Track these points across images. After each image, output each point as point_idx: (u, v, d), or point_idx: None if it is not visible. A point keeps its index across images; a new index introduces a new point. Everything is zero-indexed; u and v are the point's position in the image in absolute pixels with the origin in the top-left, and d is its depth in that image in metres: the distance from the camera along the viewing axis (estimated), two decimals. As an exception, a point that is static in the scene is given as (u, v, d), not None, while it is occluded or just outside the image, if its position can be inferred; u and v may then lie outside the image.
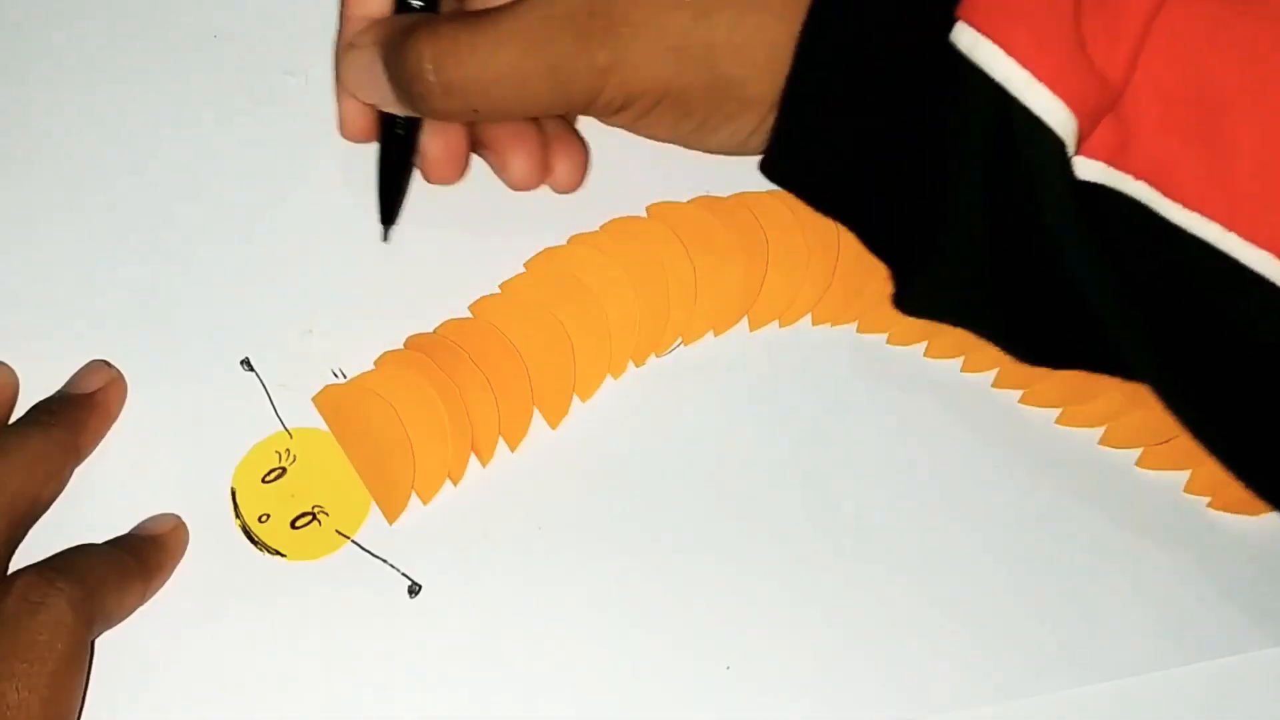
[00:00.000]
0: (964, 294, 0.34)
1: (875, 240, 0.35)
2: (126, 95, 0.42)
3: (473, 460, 0.37)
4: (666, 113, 0.34)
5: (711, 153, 0.36)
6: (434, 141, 0.38)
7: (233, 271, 0.39)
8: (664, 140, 0.36)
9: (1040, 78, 0.29)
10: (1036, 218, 0.31)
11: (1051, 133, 0.30)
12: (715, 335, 0.39)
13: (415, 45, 0.34)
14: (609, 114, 0.35)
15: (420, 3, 0.36)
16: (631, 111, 0.34)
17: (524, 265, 0.39)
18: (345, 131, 0.38)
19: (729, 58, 0.32)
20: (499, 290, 0.39)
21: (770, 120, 0.34)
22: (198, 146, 0.41)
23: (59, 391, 0.36)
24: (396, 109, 0.36)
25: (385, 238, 0.38)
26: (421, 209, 0.41)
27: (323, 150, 0.42)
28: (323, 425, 0.37)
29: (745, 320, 0.39)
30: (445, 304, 0.39)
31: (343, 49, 0.37)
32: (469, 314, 0.39)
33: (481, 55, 0.33)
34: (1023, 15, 0.30)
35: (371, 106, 0.37)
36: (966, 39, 0.30)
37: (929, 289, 0.34)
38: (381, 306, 0.39)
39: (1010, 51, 0.29)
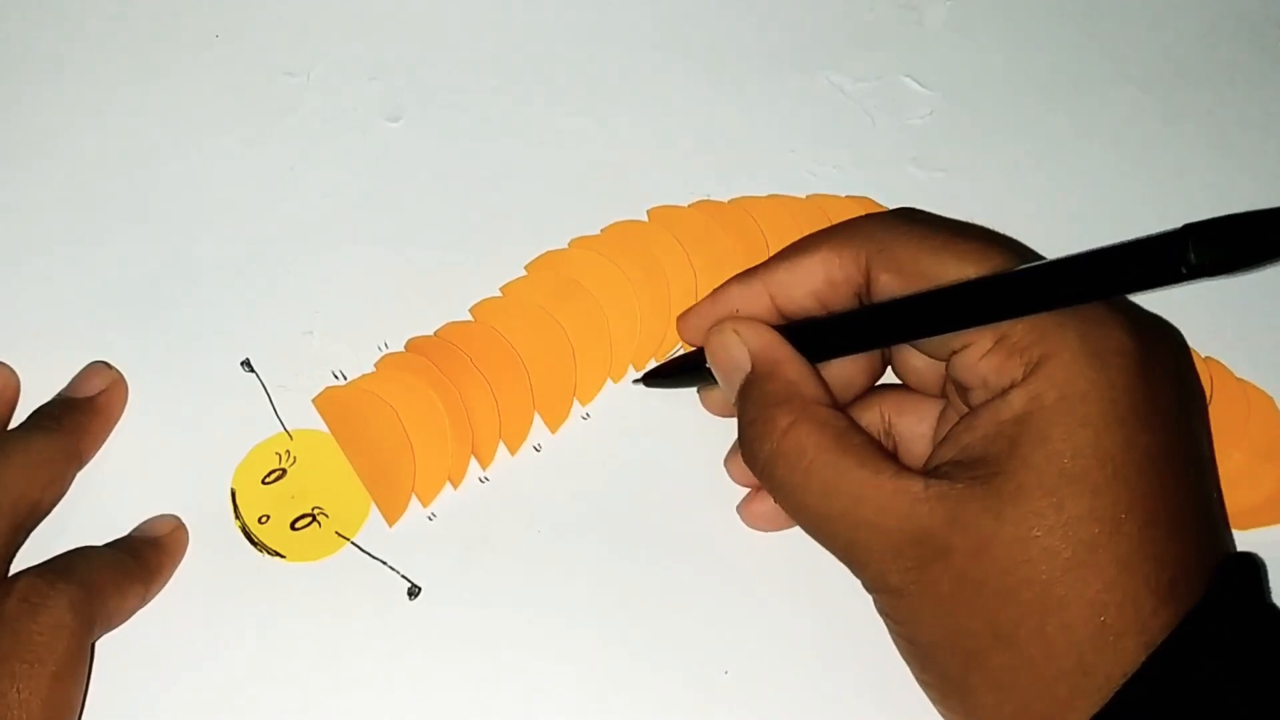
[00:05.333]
0: None
1: None
2: (128, 95, 0.42)
3: (473, 463, 0.37)
4: (911, 660, 0.31)
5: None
6: (715, 405, 0.37)
7: (233, 271, 0.39)
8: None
9: None
10: None
11: None
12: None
13: (778, 422, 0.31)
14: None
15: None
16: (885, 618, 0.31)
17: (525, 268, 0.39)
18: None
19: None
20: (500, 293, 0.39)
21: None
22: (198, 146, 0.41)
23: (60, 394, 0.36)
24: (726, 401, 0.34)
25: (635, 380, 0.38)
26: (423, 211, 0.41)
27: (323, 150, 0.42)
28: (323, 426, 0.37)
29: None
30: (446, 306, 0.39)
31: (719, 326, 0.33)
32: (469, 316, 0.39)
33: (815, 490, 0.30)
34: None
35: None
36: None
37: None
38: (382, 308, 0.39)
39: None
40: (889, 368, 0.36)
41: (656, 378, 0.38)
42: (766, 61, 0.45)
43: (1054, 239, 0.41)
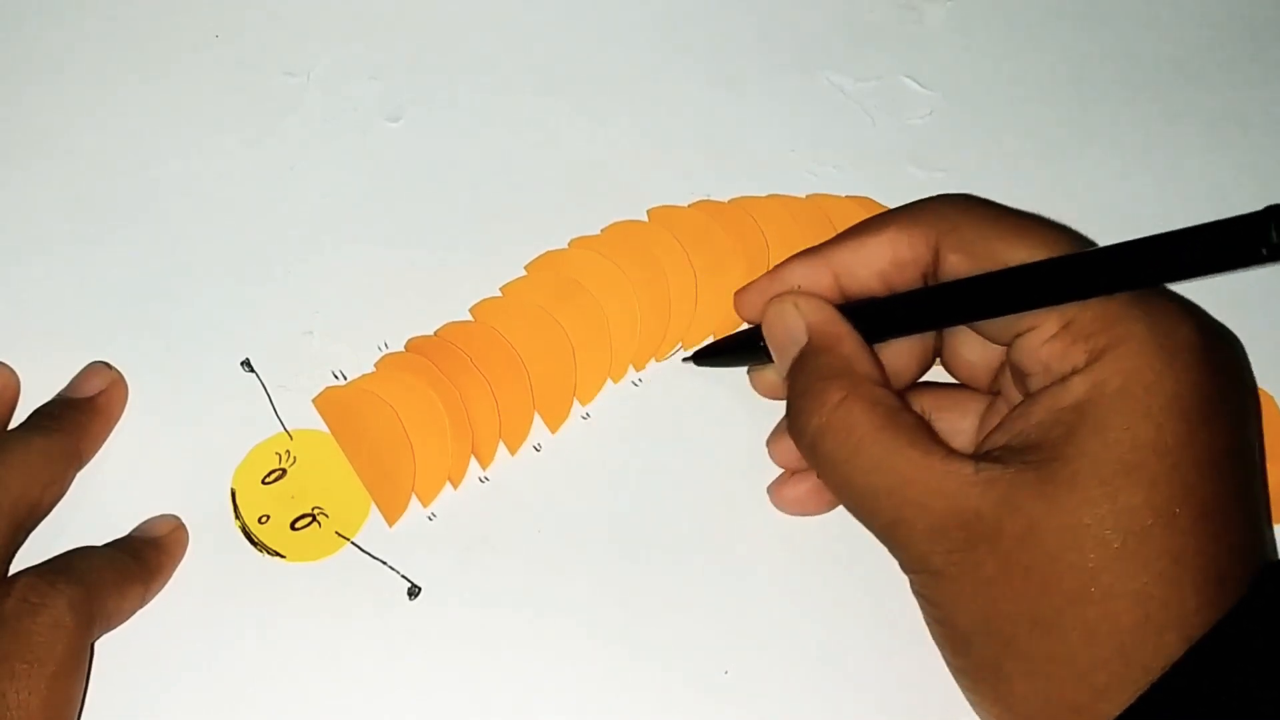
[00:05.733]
0: None
1: None
2: (128, 95, 0.42)
3: (473, 463, 0.37)
4: (945, 644, 0.31)
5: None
6: (765, 386, 0.36)
7: (233, 271, 0.39)
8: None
9: None
10: None
11: None
12: (715, 339, 0.39)
13: (830, 396, 0.31)
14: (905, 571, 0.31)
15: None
16: (921, 600, 0.31)
17: (525, 268, 0.39)
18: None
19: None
20: (500, 293, 0.39)
21: None
22: (198, 146, 0.41)
23: (60, 394, 0.36)
24: (777, 379, 0.34)
25: (685, 358, 0.38)
26: (423, 211, 0.41)
27: (323, 150, 0.42)
28: (323, 426, 0.37)
29: (744, 325, 0.39)
30: (446, 306, 0.39)
31: (778, 298, 0.33)
32: (469, 316, 0.39)
33: (862, 466, 0.30)
34: None
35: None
36: None
37: None
38: (382, 308, 0.39)
39: None
40: (936, 361, 0.35)
41: (708, 356, 0.37)
42: (766, 61, 0.45)
43: (1054, 239, 0.41)
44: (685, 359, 0.38)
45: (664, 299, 0.39)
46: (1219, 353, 0.29)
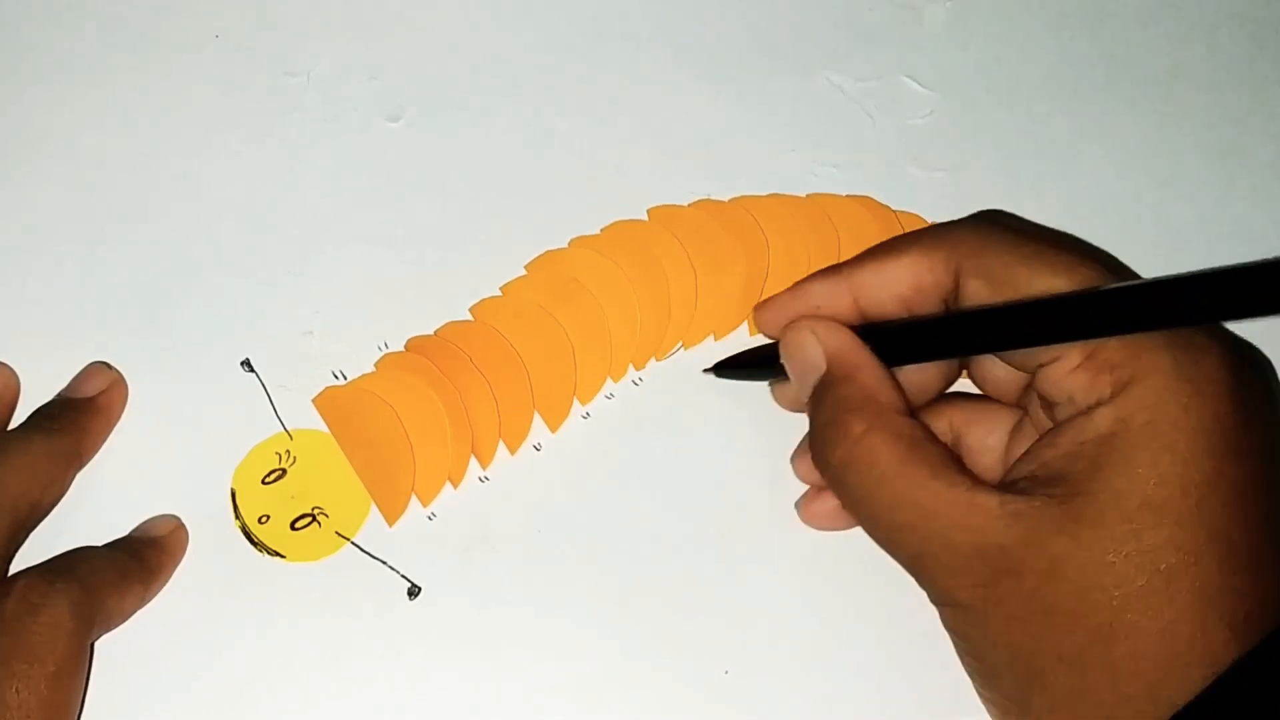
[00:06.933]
0: None
1: None
2: (128, 95, 0.42)
3: (473, 463, 0.37)
4: (974, 675, 0.31)
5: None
6: (787, 400, 0.36)
7: (233, 271, 0.39)
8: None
9: None
10: None
11: None
12: (716, 339, 0.39)
13: (852, 429, 0.30)
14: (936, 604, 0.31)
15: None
16: (950, 633, 0.31)
17: (525, 267, 0.39)
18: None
19: None
20: (500, 292, 0.39)
21: None
22: (198, 146, 0.41)
23: (60, 394, 0.36)
24: (799, 397, 0.33)
25: (705, 370, 0.38)
26: (423, 210, 0.41)
27: (323, 150, 0.42)
28: (322, 426, 0.37)
29: (746, 324, 0.39)
30: (446, 306, 0.39)
31: (795, 325, 0.33)
32: (469, 316, 0.39)
33: (886, 500, 0.30)
34: None
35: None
36: None
37: None
38: (381, 308, 0.39)
39: None
40: (963, 373, 0.35)
41: (728, 368, 0.37)
42: (766, 61, 0.45)
43: (1054, 239, 0.41)
44: (705, 370, 0.38)
45: (664, 299, 0.39)
46: (1247, 383, 0.28)
